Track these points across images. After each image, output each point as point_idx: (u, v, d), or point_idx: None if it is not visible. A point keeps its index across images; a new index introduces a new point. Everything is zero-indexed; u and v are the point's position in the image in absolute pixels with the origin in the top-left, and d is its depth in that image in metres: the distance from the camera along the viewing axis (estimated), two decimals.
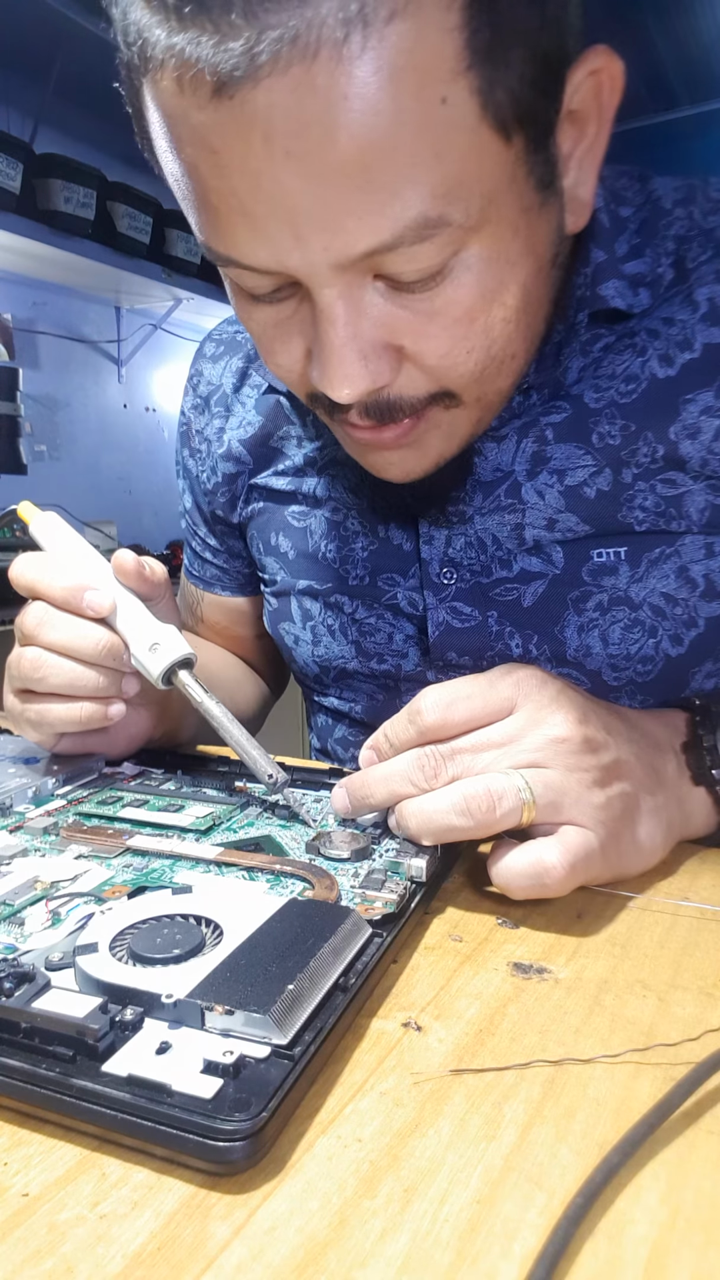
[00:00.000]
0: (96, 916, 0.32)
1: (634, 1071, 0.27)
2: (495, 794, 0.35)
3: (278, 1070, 0.24)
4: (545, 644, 0.52)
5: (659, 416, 0.48)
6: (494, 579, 0.53)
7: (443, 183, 0.34)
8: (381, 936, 0.32)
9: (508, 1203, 0.22)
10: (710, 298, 0.47)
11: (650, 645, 0.51)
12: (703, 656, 0.51)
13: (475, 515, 0.52)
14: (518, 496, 0.51)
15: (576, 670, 0.52)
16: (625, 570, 0.50)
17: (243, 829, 0.42)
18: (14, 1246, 0.21)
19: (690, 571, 0.49)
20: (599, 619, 0.51)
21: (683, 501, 0.48)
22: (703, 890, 0.38)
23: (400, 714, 0.39)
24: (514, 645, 0.53)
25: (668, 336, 0.48)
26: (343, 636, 0.59)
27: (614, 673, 0.52)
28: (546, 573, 0.51)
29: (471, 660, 0.54)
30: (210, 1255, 0.20)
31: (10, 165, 1.84)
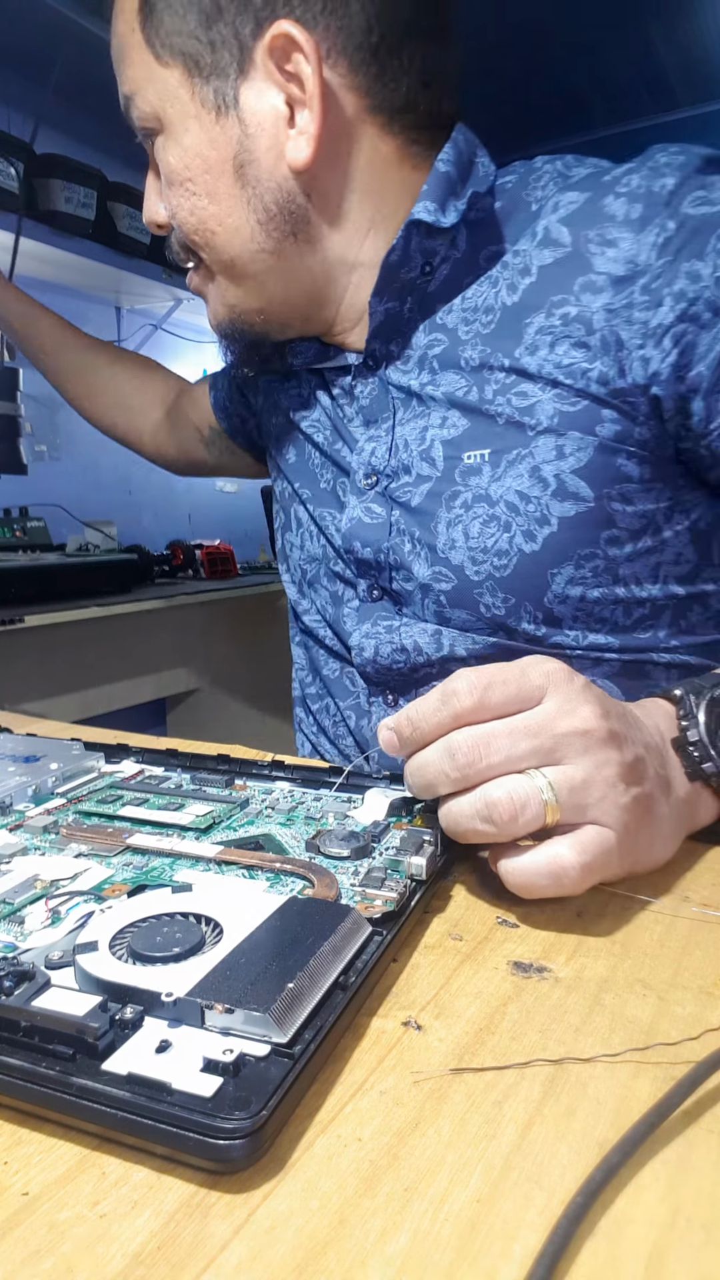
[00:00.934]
0: (96, 915, 0.32)
1: (634, 1070, 0.27)
2: (518, 800, 0.34)
3: (278, 1069, 0.24)
4: (424, 539, 0.60)
5: (507, 339, 0.56)
6: (399, 483, 0.61)
7: (130, 74, 0.58)
8: (381, 935, 0.32)
9: (508, 1202, 0.22)
10: (546, 227, 0.55)
11: (505, 540, 0.56)
12: (559, 558, 0.56)
13: (397, 425, 0.62)
14: (423, 404, 0.61)
15: (445, 566, 0.59)
16: (488, 470, 0.57)
17: (243, 827, 0.42)
18: (14, 1246, 0.21)
19: (542, 471, 0.55)
20: (463, 515, 0.58)
21: (534, 410, 0.55)
22: (703, 890, 0.38)
23: (430, 695, 0.38)
24: (405, 539, 0.61)
25: (513, 266, 0.57)
26: (317, 540, 0.71)
27: (474, 566, 0.58)
28: (430, 475, 0.60)
29: (372, 552, 0.63)
30: (210, 1254, 0.20)
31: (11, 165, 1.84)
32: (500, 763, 0.35)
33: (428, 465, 0.60)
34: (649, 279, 0.51)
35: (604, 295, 0.52)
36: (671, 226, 0.51)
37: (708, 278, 0.49)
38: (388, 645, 0.63)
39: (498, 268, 0.57)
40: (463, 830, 0.36)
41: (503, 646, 0.59)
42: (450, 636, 0.60)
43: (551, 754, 0.35)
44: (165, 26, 0.55)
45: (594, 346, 0.53)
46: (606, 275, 0.52)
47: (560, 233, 0.55)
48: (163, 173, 0.59)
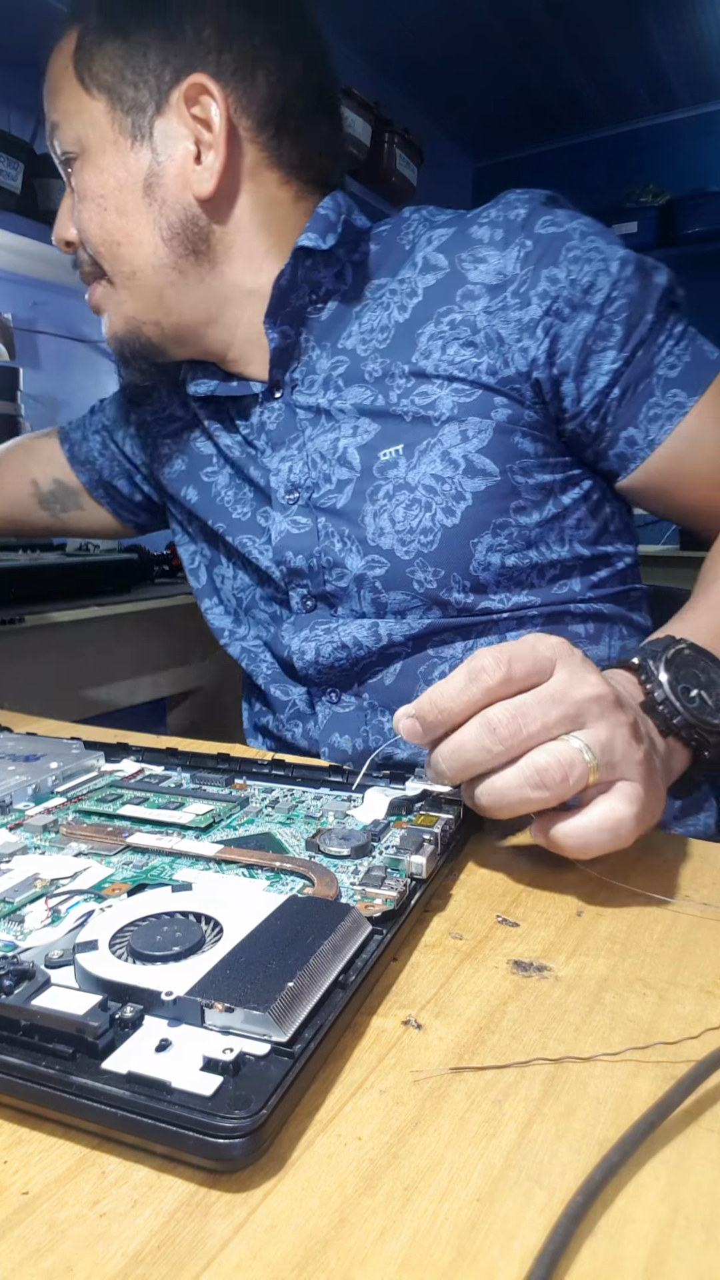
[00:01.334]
0: (96, 914, 0.32)
1: (634, 1069, 0.27)
2: (565, 762, 0.36)
3: (278, 1068, 0.24)
4: (353, 533, 0.65)
5: (404, 349, 0.64)
6: (322, 492, 0.67)
7: (56, 104, 0.65)
8: (381, 934, 0.32)
9: (508, 1201, 0.22)
10: (424, 257, 0.65)
11: (428, 518, 0.63)
12: (477, 528, 0.62)
13: (307, 442, 0.68)
14: (330, 419, 0.67)
15: (376, 553, 0.64)
16: (403, 463, 0.64)
17: (242, 826, 0.42)
18: (14, 1245, 0.21)
19: (451, 454, 0.62)
20: (387, 504, 0.64)
21: (436, 405, 0.63)
22: (703, 889, 0.38)
23: (454, 676, 0.38)
24: (335, 540, 0.66)
25: (401, 291, 0.66)
26: (243, 565, 0.75)
27: (403, 547, 0.63)
28: (351, 478, 0.65)
29: (304, 559, 0.67)
30: (210, 1253, 0.20)
31: (11, 165, 1.84)
32: (538, 731, 0.37)
33: (346, 470, 0.65)
34: (517, 285, 0.61)
35: (481, 300, 0.62)
36: (529, 244, 0.61)
37: (563, 280, 0.60)
38: (328, 645, 0.67)
39: (386, 295, 0.66)
40: (511, 802, 0.37)
41: (437, 626, 0.65)
42: (387, 626, 0.65)
43: (577, 719, 0.37)
44: (96, 64, 0.63)
45: (479, 344, 0.62)
46: (481, 284, 0.62)
47: (438, 259, 0.64)
48: (77, 191, 0.65)
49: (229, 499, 0.74)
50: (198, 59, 0.62)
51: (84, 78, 0.63)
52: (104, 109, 0.63)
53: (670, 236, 2.65)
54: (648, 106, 2.80)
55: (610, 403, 0.62)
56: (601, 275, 0.60)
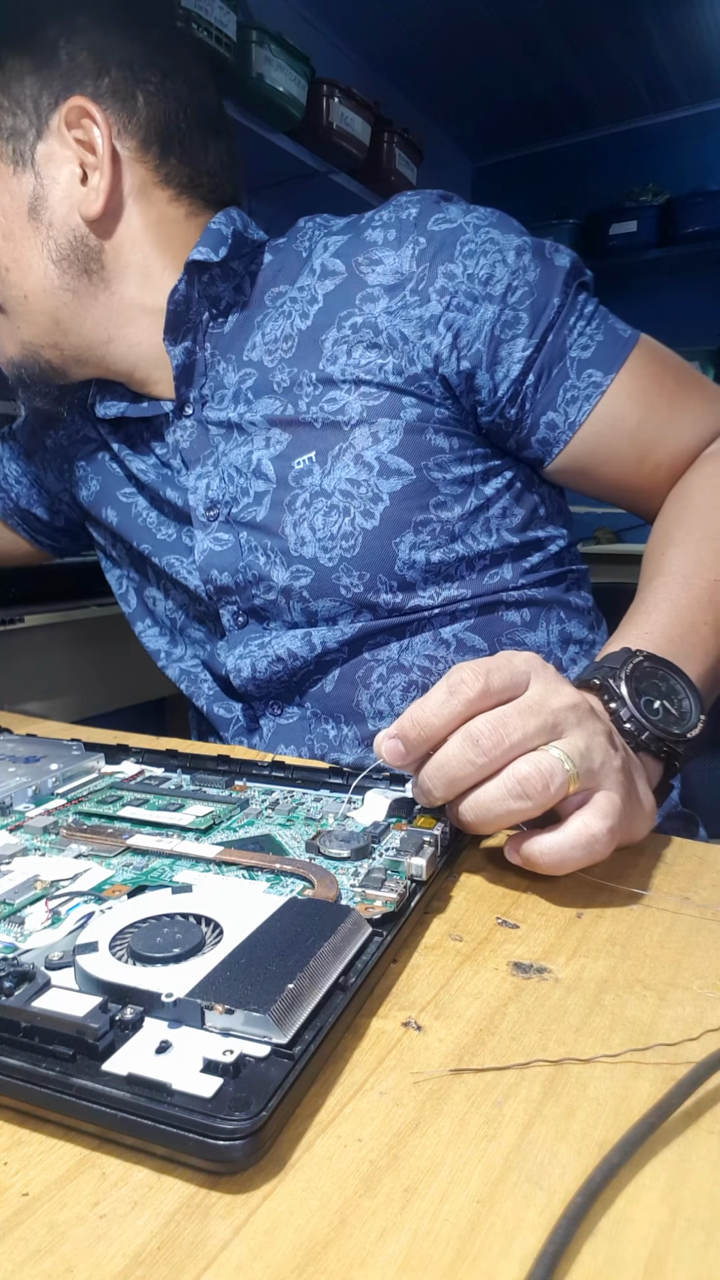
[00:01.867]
0: (96, 915, 0.32)
1: (634, 1071, 0.27)
2: (545, 771, 0.36)
3: (278, 1069, 0.24)
4: (276, 545, 0.65)
5: (309, 357, 0.64)
6: (240, 507, 0.67)
7: None
8: (381, 936, 0.32)
9: (507, 1202, 0.22)
10: (322, 263, 0.65)
11: (347, 523, 0.63)
12: (398, 528, 0.62)
13: (222, 457, 0.67)
14: (243, 432, 0.67)
15: (300, 563, 0.64)
16: (318, 470, 0.64)
17: (243, 828, 0.42)
18: (14, 1246, 0.21)
19: (364, 457, 0.62)
20: (305, 513, 0.64)
21: (345, 409, 0.63)
22: (703, 890, 0.38)
23: (433, 693, 0.38)
24: (258, 555, 0.66)
25: (301, 299, 0.66)
26: (173, 586, 0.74)
27: (326, 554, 0.63)
28: (267, 489, 0.65)
29: (230, 576, 0.67)
30: (210, 1255, 0.20)
31: None
32: (519, 741, 0.37)
33: (262, 482, 0.65)
34: (414, 283, 0.61)
35: (381, 302, 0.62)
36: (423, 241, 0.61)
37: (460, 275, 0.60)
38: (263, 660, 0.67)
39: (286, 303, 0.66)
40: (495, 815, 0.37)
41: (369, 629, 0.65)
42: (319, 634, 0.65)
43: (555, 729, 0.37)
44: None
45: (383, 345, 0.62)
46: (380, 285, 0.62)
47: (335, 264, 0.65)
48: None
49: (151, 521, 0.74)
50: (75, 82, 0.62)
51: None
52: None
53: (670, 236, 2.65)
54: (648, 106, 2.80)
55: (527, 389, 0.62)
56: (499, 265, 0.60)
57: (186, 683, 0.76)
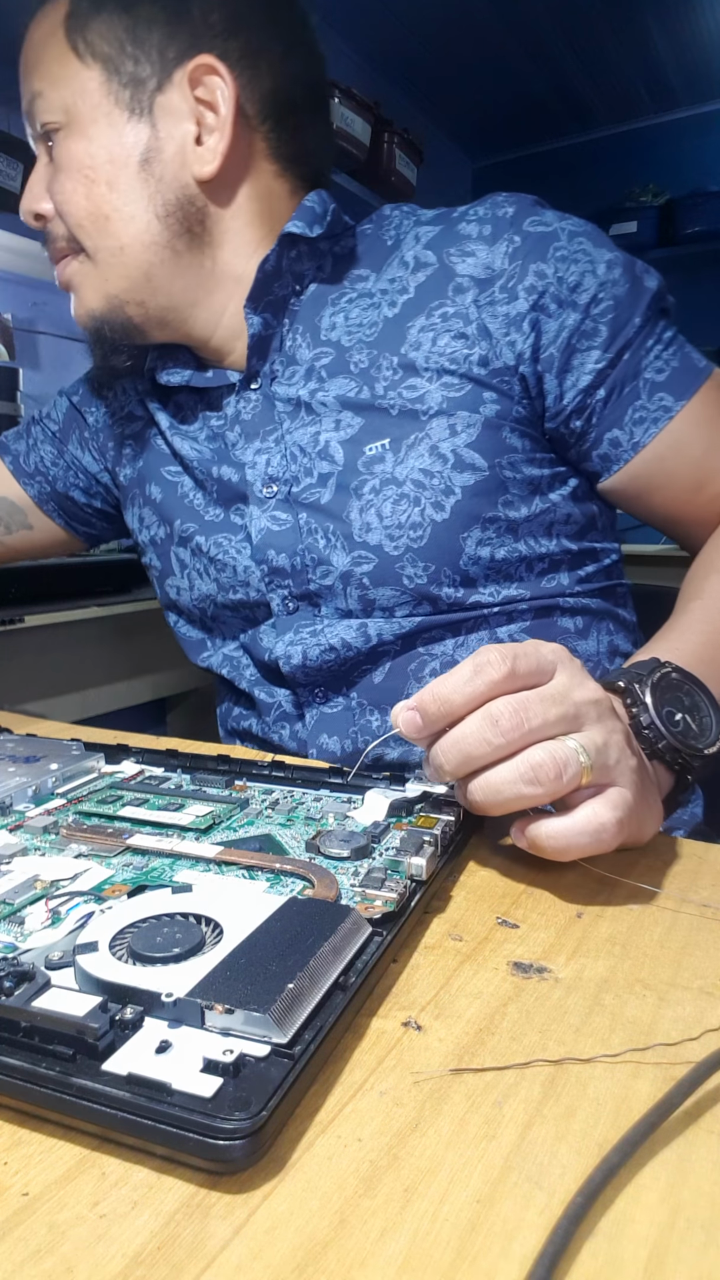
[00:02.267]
0: (96, 915, 0.32)
1: (634, 1071, 0.27)
2: (560, 761, 0.36)
3: (278, 1069, 0.24)
4: (338, 529, 0.64)
5: (392, 342, 0.64)
6: (302, 487, 0.65)
7: (43, 72, 0.63)
8: (381, 935, 0.32)
9: (507, 1202, 0.22)
10: (415, 255, 0.66)
11: (417, 513, 0.62)
12: (467, 522, 0.62)
13: (286, 434, 0.67)
14: (311, 412, 0.66)
15: (363, 549, 0.63)
16: (390, 457, 0.63)
17: (243, 828, 0.42)
18: (14, 1246, 0.21)
19: (440, 449, 0.62)
20: (373, 499, 0.63)
21: (425, 398, 0.63)
22: (703, 889, 0.38)
23: (458, 670, 0.38)
24: (318, 536, 0.65)
25: (391, 290, 0.66)
26: (207, 575, 0.72)
27: (392, 542, 0.63)
28: (333, 472, 0.64)
29: (288, 557, 0.66)
30: (210, 1255, 0.20)
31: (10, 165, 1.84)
32: (538, 727, 0.37)
33: (327, 464, 0.65)
34: (505, 280, 0.61)
35: (470, 293, 0.62)
36: (517, 240, 0.62)
37: (550, 276, 0.61)
38: (315, 648, 0.66)
39: (377, 295, 0.66)
40: (505, 797, 0.37)
41: (426, 624, 0.64)
42: (375, 626, 0.65)
43: (575, 720, 0.38)
44: (91, 33, 0.61)
45: (471, 335, 0.62)
46: (469, 277, 0.62)
47: (426, 255, 0.65)
48: (61, 164, 0.63)
49: (198, 501, 0.72)
50: (203, 41, 0.61)
51: (77, 45, 0.61)
52: (98, 79, 0.61)
53: (670, 236, 2.65)
54: (648, 106, 2.80)
55: (595, 403, 0.62)
56: (588, 275, 0.60)
57: (228, 668, 0.75)
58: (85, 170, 0.62)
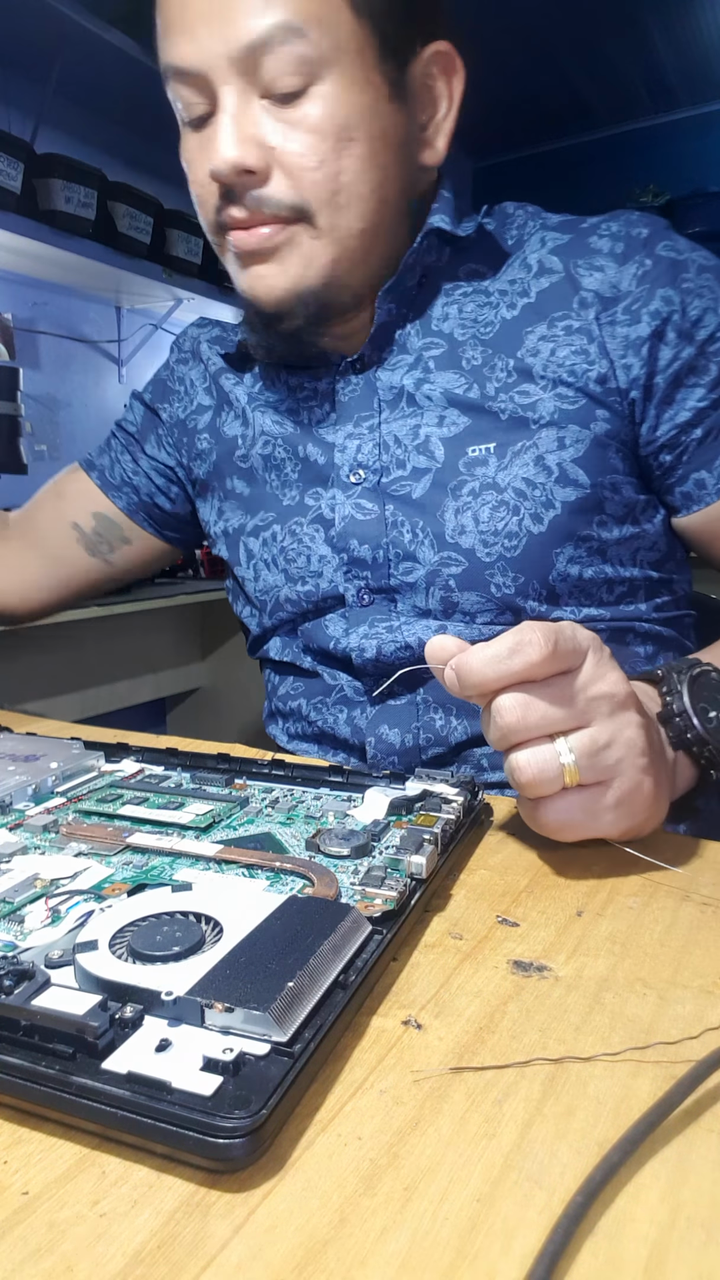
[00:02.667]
0: (96, 914, 0.32)
1: (634, 1069, 0.27)
2: (538, 766, 0.38)
3: (278, 1068, 0.24)
4: (429, 526, 0.62)
5: (509, 344, 0.62)
6: (392, 478, 0.64)
7: (302, 7, 0.53)
8: (381, 934, 0.32)
9: (508, 1201, 0.22)
10: (539, 259, 0.64)
11: (514, 522, 0.61)
12: (562, 538, 0.61)
13: (382, 423, 0.65)
14: (414, 404, 0.64)
15: (454, 550, 0.62)
16: (494, 461, 0.61)
17: (242, 826, 0.42)
18: (14, 1245, 0.21)
19: (546, 460, 0.61)
20: (471, 502, 0.61)
21: (537, 406, 0.61)
22: (703, 888, 0.38)
23: (499, 643, 0.38)
24: (405, 531, 0.63)
25: (511, 291, 0.64)
26: (275, 566, 0.70)
27: (485, 548, 0.61)
28: (431, 468, 0.63)
29: (370, 549, 0.64)
30: (210, 1253, 0.20)
31: (11, 165, 1.84)
32: (537, 724, 0.38)
33: (426, 459, 0.63)
34: (630, 301, 0.60)
35: (594, 309, 0.61)
36: (649, 263, 0.60)
37: (676, 305, 0.60)
38: (391, 644, 0.64)
39: (495, 295, 0.64)
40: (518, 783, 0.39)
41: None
42: (455, 630, 0.63)
43: (583, 716, 0.38)
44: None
45: (591, 352, 0.60)
46: (595, 293, 0.61)
47: (552, 262, 0.63)
48: (312, 121, 0.55)
49: (274, 483, 0.70)
50: (436, 28, 0.60)
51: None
52: (366, 38, 0.56)
53: None
54: (648, 106, 2.80)
55: (689, 441, 0.61)
56: (710, 313, 0.59)
57: (290, 653, 0.72)
58: (348, 140, 0.56)
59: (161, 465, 0.81)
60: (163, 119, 0.64)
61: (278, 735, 0.76)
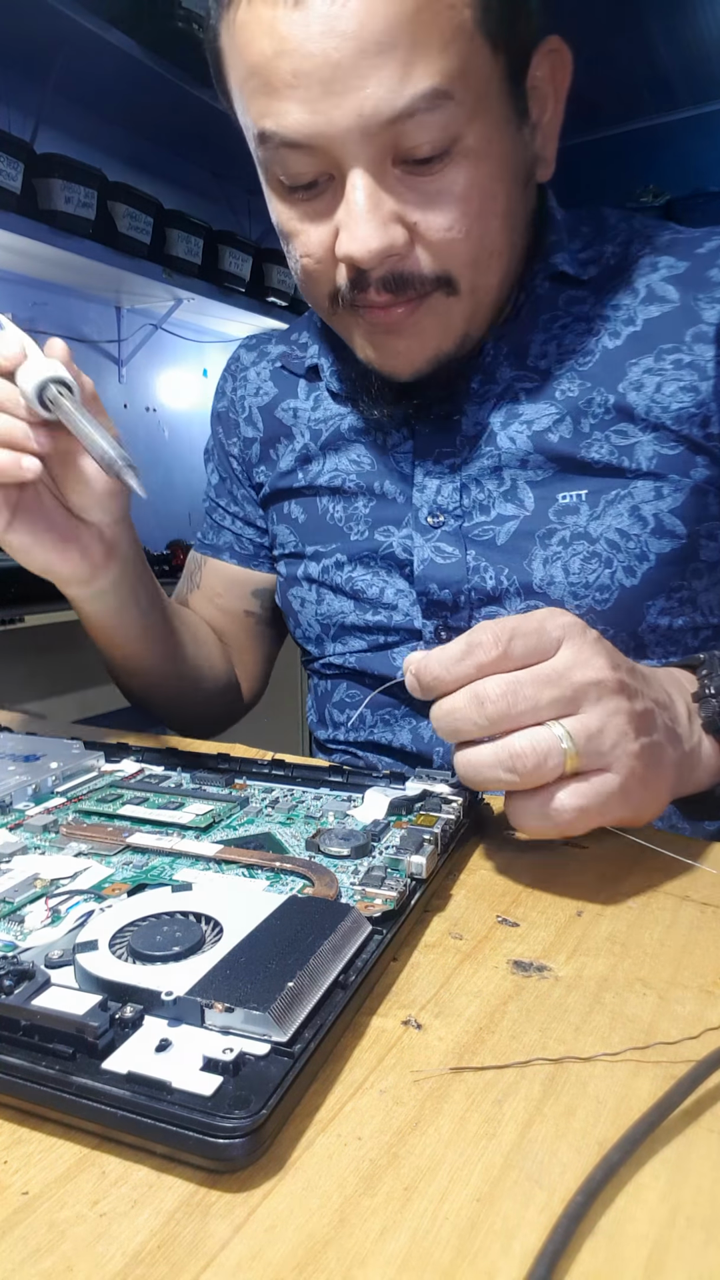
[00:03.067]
0: (96, 914, 0.32)
1: (634, 1069, 0.27)
2: (540, 750, 0.36)
3: (277, 1068, 0.24)
4: (514, 575, 0.59)
5: (610, 376, 0.57)
6: (474, 522, 0.60)
7: (447, 66, 0.45)
8: (381, 934, 0.32)
9: (508, 1201, 0.22)
10: (647, 284, 0.59)
11: (606, 575, 0.57)
12: (655, 591, 0.58)
13: (462, 465, 0.60)
14: (494, 444, 0.60)
15: (541, 600, 0.59)
16: (586, 509, 0.58)
17: (242, 826, 0.42)
18: (14, 1245, 0.21)
19: (641, 510, 0.57)
20: (562, 552, 0.58)
21: (634, 450, 0.57)
22: (703, 889, 0.38)
23: (454, 644, 0.38)
24: (488, 577, 0.60)
25: (615, 318, 0.59)
26: (343, 593, 0.66)
27: (574, 600, 0.58)
28: (518, 514, 0.59)
29: (450, 593, 0.61)
30: (210, 1253, 0.20)
31: (10, 165, 1.84)
32: (526, 711, 0.36)
33: (513, 505, 0.59)
34: None
35: (713, 347, 0.56)
36: None
37: None
38: None
39: (596, 321, 0.59)
40: (484, 779, 0.37)
41: None
42: None
43: (571, 703, 0.37)
44: (505, 5, 0.47)
45: (703, 392, 0.56)
46: (716, 327, 0.56)
47: (666, 290, 0.58)
48: (458, 189, 0.49)
49: (339, 515, 0.66)
50: (541, 16, 0.51)
51: (488, 24, 0.46)
52: (500, 70, 0.48)
53: None
54: (648, 106, 2.80)
55: None
56: None
57: (355, 660, 0.68)
58: (489, 197, 0.50)
59: (256, 512, 0.76)
60: (163, 119, 0.63)
61: (326, 740, 0.73)
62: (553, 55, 0.52)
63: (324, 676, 0.72)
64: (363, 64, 0.44)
